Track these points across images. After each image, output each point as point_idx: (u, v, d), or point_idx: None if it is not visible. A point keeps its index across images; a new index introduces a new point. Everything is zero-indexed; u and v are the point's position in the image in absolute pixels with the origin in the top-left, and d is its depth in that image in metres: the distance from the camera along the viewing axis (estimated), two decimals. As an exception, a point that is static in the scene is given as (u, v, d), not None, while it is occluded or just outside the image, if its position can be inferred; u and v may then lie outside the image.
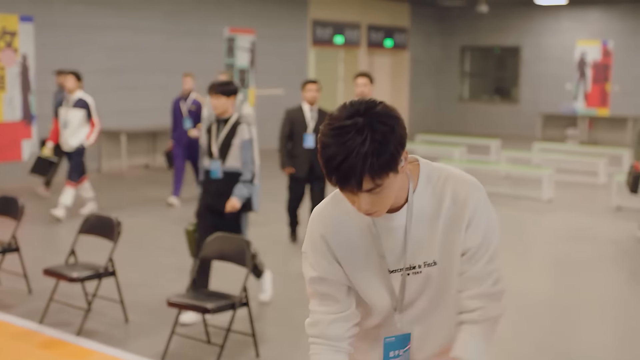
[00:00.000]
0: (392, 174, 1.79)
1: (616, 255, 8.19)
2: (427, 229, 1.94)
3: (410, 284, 1.97)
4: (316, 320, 2.03)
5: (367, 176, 1.75)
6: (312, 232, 2.02)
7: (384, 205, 1.85)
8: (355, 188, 1.78)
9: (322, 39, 17.92)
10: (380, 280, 1.98)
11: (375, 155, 1.74)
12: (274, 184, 12.37)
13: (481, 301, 1.96)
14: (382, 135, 1.75)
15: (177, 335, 5.16)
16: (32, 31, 12.16)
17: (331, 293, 2.00)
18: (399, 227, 1.94)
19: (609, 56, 19.28)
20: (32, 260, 6.93)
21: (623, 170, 13.78)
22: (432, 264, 1.96)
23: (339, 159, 1.74)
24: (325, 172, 1.80)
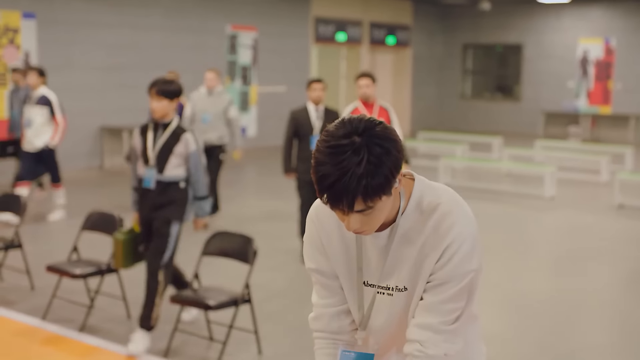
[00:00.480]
0: (384, 197, 1.76)
1: (618, 253, 8.18)
2: (405, 253, 1.91)
3: (379, 303, 1.96)
4: (319, 314, 2.04)
5: (359, 198, 1.72)
6: (309, 224, 2.04)
7: (373, 226, 1.82)
8: (346, 209, 1.74)
9: (325, 36, 17.91)
10: (355, 290, 1.99)
11: (370, 177, 1.70)
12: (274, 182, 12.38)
13: (425, 334, 1.89)
14: (378, 157, 1.71)
15: (179, 332, 5.17)
16: (35, 28, 12.17)
17: (329, 285, 2.02)
18: (381, 246, 1.92)
19: (611, 54, 19.26)
20: (34, 257, 6.94)
21: (625, 168, 13.79)
22: (403, 290, 1.92)
23: (332, 179, 1.70)
24: (317, 189, 1.77)
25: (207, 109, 8.83)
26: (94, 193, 11.20)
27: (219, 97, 8.94)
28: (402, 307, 1.94)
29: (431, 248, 1.87)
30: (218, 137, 8.79)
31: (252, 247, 4.92)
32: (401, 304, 1.93)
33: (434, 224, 1.87)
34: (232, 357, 4.99)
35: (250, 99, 16.31)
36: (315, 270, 2.02)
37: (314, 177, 1.75)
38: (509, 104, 20.94)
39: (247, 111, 16.27)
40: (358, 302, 1.98)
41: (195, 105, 8.92)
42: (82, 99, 12.96)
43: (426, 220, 1.88)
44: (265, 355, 5.07)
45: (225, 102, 8.93)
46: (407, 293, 1.92)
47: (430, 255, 1.87)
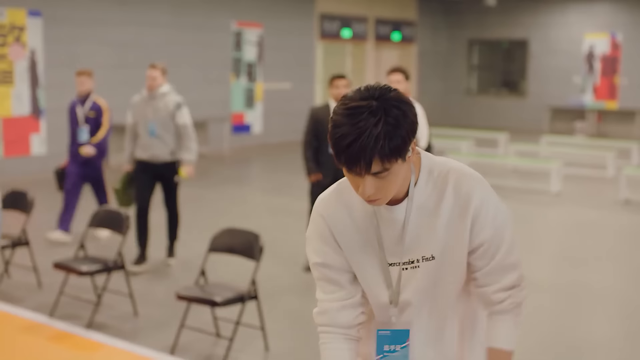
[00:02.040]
0: (400, 160, 1.79)
1: (624, 248, 8.17)
2: (427, 223, 1.93)
3: (407, 278, 1.96)
4: (324, 308, 2.02)
5: (376, 158, 1.75)
6: (316, 217, 2.02)
7: (387, 192, 1.84)
8: (363, 169, 1.76)
9: (330, 33, 17.90)
10: (378, 272, 1.97)
11: (387, 138, 1.74)
12: (280, 178, 12.40)
13: (507, 292, 1.99)
14: (395, 119, 1.75)
15: (186, 329, 5.18)
16: (40, 26, 12.19)
17: (336, 279, 2.00)
18: (399, 220, 1.93)
19: (617, 49, 19.20)
20: (41, 254, 6.96)
21: (632, 163, 13.76)
22: (430, 259, 1.94)
23: (350, 139, 1.74)
24: (334, 152, 1.79)
25: (148, 117, 6.92)
26: (100, 190, 11.20)
27: (162, 99, 6.92)
28: (431, 276, 1.95)
29: (458, 214, 1.92)
30: (169, 152, 6.95)
31: (258, 243, 4.93)
32: (430, 273, 1.95)
33: (453, 190, 1.92)
34: (239, 353, 5.00)
35: (255, 96, 16.32)
36: (322, 264, 2.00)
37: (331, 140, 1.78)
38: (515, 100, 20.90)
39: (252, 108, 16.27)
40: (385, 282, 1.97)
41: (135, 112, 7.04)
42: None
43: (443, 188, 1.93)
44: (272, 351, 5.08)
45: (170, 106, 6.91)
46: (435, 262, 1.94)
47: (459, 221, 1.92)
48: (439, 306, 2.00)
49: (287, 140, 16.39)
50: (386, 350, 1.99)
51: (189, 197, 10.59)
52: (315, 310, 2.05)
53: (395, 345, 1.99)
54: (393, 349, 1.99)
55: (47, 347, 5.18)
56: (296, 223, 8.55)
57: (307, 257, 2.05)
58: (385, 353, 1.99)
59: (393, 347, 1.99)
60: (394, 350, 1.99)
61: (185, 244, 7.83)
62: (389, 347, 1.99)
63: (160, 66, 6.99)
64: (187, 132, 6.92)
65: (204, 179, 12.26)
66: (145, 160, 6.98)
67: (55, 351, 5.15)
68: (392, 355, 1.99)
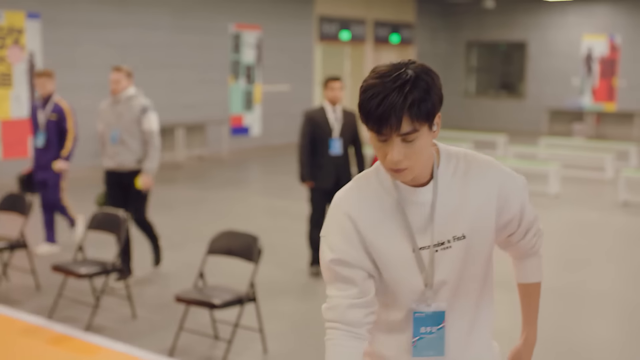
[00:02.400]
0: (427, 127, 1.84)
1: (623, 250, 8.18)
2: (454, 203, 1.97)
3: (439, 259, 1.98)
4: (334, 304, 1.99)
5: (406, 116, 1.80)
6: (337, 213, 2.01)
7: (414, 162, 1.86)
8: (394, 128, 1.80)
9: (328, 35, 17.91)
10: (410, 258, 1.97)
11: (417, 98, 1.80)
12: (279, 181, 12.41)
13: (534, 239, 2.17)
14: (426, 84, 1.82)
15: (184, 331, 5.18)
16: (39, 28, 12.19)
17: (350, 276, 1.97)
18: (425, 203, 1.96)
19: (616, 51, 19.22)
20: (40, 257, 6.95)
21: (630, 165, 13.77)
22: (462, 238, 1.98)
23: (382, 96, 1.79)
24: (363, 115, 1.84)
25: (112, 122, 6.56)
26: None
27: (127, 104, 6.54)
28: (461, 256, 1.99)
29: (484, 194, 1.98)
30: (136, 160, 6.53)
31: (257, 245, 4.93)
32: (460, 252, 1.98)
33: (475, 172, 1.99)
34: (238, 355, 5.00)
35: (254, 98, 16.32)
36: (338, 260, 1.97)
37: (360, 105, 1.84)
38: (513, 102, 20.92)
39: (251, 110, 16.27)
40: (419, 266, 1.97)
41: (102, 118, 6.67)
42: (87, 98, 12.97)
43: (465, 170, 1.99)
44: (271, 354, 5.08)
45: (136, 110, 6.50)
46: (465, 241, 1.98)
47: (485, 200, 1.99)
48: (469, 287, 2.03)
49: (286, 142, 16.40)
50: (423, 332, 2.00)
51: (187, 200, 10.59)
52: (325, 305, 2.02)
53: (432, 327, 2.00)
54: (429, 330, 2.00)
55: (45, 350, 5.18)
56: (295, 225, 8.55)
57: (322, 255, 2.02)
58: (422, 335, 2.00)
59: (429, 329, 2.00)
60: (431, 332, 2.00)
61: (184, 246, 7.83)
62: (425, 329, 2.00)
63: (124, 69, 6.56)
64: (151, 139, 6.48)
65: (202, 181, 12.26)
66: (112, 169, 6.58)
67: (53, 354, 5.15)
68: (429, 337, 2.01)
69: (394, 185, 1.97)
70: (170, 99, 14.52)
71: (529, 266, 2.25)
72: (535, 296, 2.26)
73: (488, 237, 2.02)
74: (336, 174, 6.73)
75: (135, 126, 6.48)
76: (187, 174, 12.99)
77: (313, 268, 6.88)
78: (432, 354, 2.01)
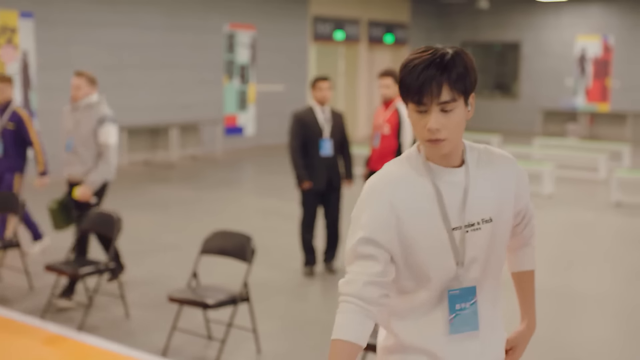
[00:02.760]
0: (463, 101, 1.98)
1: (617, 250, 8.20)
2: (483, 188, 2.08)
3: (469, 239, 2.06)
4: (352, 279, 2.03)
5: (446, 85, 1.93)
6: (373, 196, 2.05)
7: (450, 133, 1.98)
8: (434, 94, 1.93)
9: (323, 35, 17.91)
10: (444, 237, 2.04)
11: (457, 70, 1.94)
12: (273, 181, 12.40)
13: (533, 229, 2.33)
14: (464, 62, 1.97)
15: (178, 331, 5.17)
16: (33, 27, 12.16)
17: (375, 255, 2.02)
18: (458, 184, 2.05)
19: (609, 51, 19.27)
20: (33, 256, 6.94)
21: (623, 165, 13.81)
22: (489, 221, 2.08)
23: (423, 66, 1.93)
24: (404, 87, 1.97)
25: (69, 130, 6.11)
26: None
27: (86, 112, 6.03)
28: (488, 238, 2.09)
29: (506, 182, 2.12)
30: (84, 174, 6.03)
31: (250, 245, 4.93)
32: (488, 234, 2.08)
33: (497, 161, 2.13)
34: (231, 355, 5.00)
35: (248, 98, 16.31)
36: (368, 239, 2.02)
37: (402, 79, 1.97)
38: (507, 102, 20.95)
39: (245, 110, 16.27)
40: (451, 245, 2.04)
41: (62, 124, 6.24)
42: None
43: (487, 159, 2.12)
44: (264, 354, 5.08)
45: (93, 120, 5.98)
46: (492, 224, 2.09)
47: (507, 186, 2.12)
48: (494, 267, 2.13)
49: (280, 142, 16.40)
50: (458, 309, 2.08)
51: (181, 199, 10.59)
52: (342, 280, 2.06)
53: (465, 303, 2.08)
54: (464, 306, 2.08)
55: (38, 350, 5.17)
56: (288, 225, 8.55)
57: (350, 236, 2.06)
58: (457, 312, 2.08)
59: (463, 305, 2.08)
60: (465, 307, 2.08)
61: (177, 246, 7.82)
62: (460, 305, 2.08)
63: (86, 74, 6.05)
64: (105, 152, 5.95)
65: (196, 181, 12.25)
66: (67, 179, 6.16)
67: (47, 354, 5.14)
68: (463, 314, 2.08)
69: (427, 168, 2.05)
70: (164, 98, 14.50)
71: (524, 255, 2.35)
72: (531, 283, 2.38)
73: (509, 222, 2.14)
74: (328, 175, 6.72)
75: (91, 137, 5.98)
76: (180, 174, 12.98)
77: (306, 269, 6.88)
78: (467, 329, 2.09)
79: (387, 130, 6.59)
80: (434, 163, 2.05)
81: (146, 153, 14.34)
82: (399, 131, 6.56)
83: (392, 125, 6.57)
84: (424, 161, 2.06)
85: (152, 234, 8.45)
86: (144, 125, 13.82)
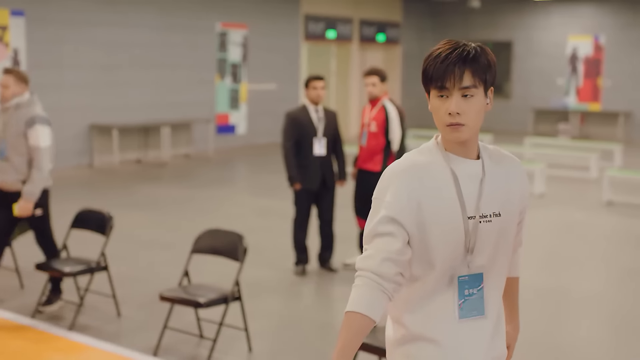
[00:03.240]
0: (483, 90, 2.07)
1: (608, 249, 8.22)
2: (496, 181, 2.16)
3: (481, 229, 2.12)
4: (371, 254, 2.08)
5: (468, 70, 2.03)
6: (396, 179, 2.11)
7: (469, 118, 2.06)
8: (456, 78, 2.02)
9: (315, 34, 17.90)
10: (459, 224, 2.10)
11: (479, 61, 2.05)
12: (265, 180, 12.39)
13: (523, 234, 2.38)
14: (486, 55, 2.08)
15: (169, 330, 5.16)
16: (24, 26, 12.12)
17: (394, 233, 2.06)
18: (476, 175, 2.13)
19: (600, 51, 19.33)
20: (24, 255, 6.91)
21: (614, 164, 13.85)
22: (498, 215, 2.15)
23: (449, 52, 2.04)
24: (427, 75, 2.06)
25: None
26: (84, 191, 11.18)
27: (15, 113, 5.51)
28: (497, 230, 2.16)
29: (514, 181, 2.21)
30: (19, 181, 5.54)
31: (242, 244, 4.92)
32: (497, 227, 2.15)
33: (507, 161, 2.22)
34: (223, 354, 4.99)
35: (240, 97, 16.29)
36: (390, 218, 2.07)
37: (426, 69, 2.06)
38: (499, 102, 20.98)
39: (237, 109, 16.25)
40: (465, 233, 2.10)
41: None
42: (72, 97, 12.92)
43: (498, 158, 2.20)
44: (256, 353, 5.07)
45: (21, 122, 5.46)
46: (501, 218, 2.16)
47: (515, 187, 2.21)
48: (501, 260, 2.19)
49: (272, 141, 16.39)
50: (466, 294, 2.14)
51: (173, 198, 10.57)
52: (360, 256, 2.11)
53: (473, 289, 2.14)
54: (472, 292, 2.14)
55: (29, 349, 5.15)
56: (281, 224, 8.54)
57: (371, 216, 2.11)
58: (466, 297, 2.14)
59: (472, 290, 2.14)
60: (472, 293, 2.14)
61: (169, 244, 7.81)
62: (469, 290, 2.14)
63: (15, 71, 5.52)
64: (37, 157, 5.42)
65: (188, 180, 12.24)
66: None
67: (37, 353, 5.12)
68: (471, 299, 2.14)
69: (446, 157, 2.12)
70: (156, 97, 14.47)
71: (512, 262, 2.40)
72: (516, 289, 2.46)
73: (515, 220, 2.22)
74: (322, 174, 6.70)
75: (22, 140, 5.45)
76: (172, 173, 12.96)
77: (297, 268, 6.87)
78: (475, 313, 2.14)
79: (374, 127, 6.59)
80: (453, 153, 2.13)
81: (138, 152, 14.31)
82: (386, 128, 6.56)
83: (379, 122, 6.57)
84: (443, 151, 2.13)
85: (143, 233, 8.43)
86: (135, 124, 13.79)
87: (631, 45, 18.93)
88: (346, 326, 2.02)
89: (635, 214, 9.92)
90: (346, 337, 2.02)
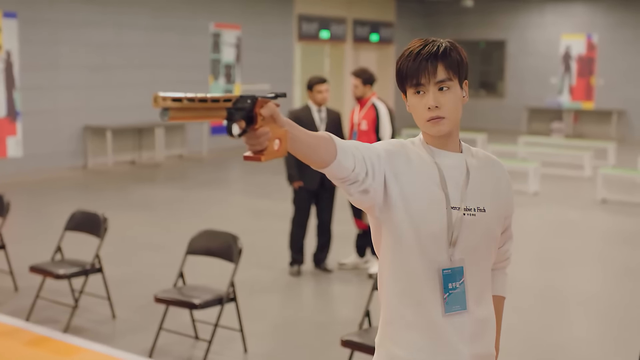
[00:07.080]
0: (458, 83, 2.09)
1: (602, 248, 8.24)
2: (480, 177, 2.17)
3: (464, 222, 2.13)
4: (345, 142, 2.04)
5: (441, 64, 2.06)
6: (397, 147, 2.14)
7: (448, 111, 2.08)
8: (430, 73, 2.05)
9: (308, 34, 17.90)
10: (443, 212, 2.10)
11: (450, 55, 2.08)
12: (259, 180, 12.40)
13: (509, 252, 2.38)
14: (457, 50, 2.12)
15: (164, 331, 5.15)
16: (16, 27, 12.08)
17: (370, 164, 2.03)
18: (459, 167, 2.15)
19: (593, 50, 19.37)
20: (18, 257, 6.89)
21: (608, 163, 13.88)
22: (482, 210, 2.16)
23: (420, 48, 2.08)
24: (401, 73, 2.09)
25: None
26: (78, 192, 11.15)
27: None
28: (481, 225, 2.16)
29: (501, 180, 2.25)
30: None
31: (237, 245, 4.91)
32: (481, 222, 2.16)
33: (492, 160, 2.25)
34: (218, 355, 4.99)
35: (234, 97, 16.26)
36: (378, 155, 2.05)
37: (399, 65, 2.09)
38: (493, 101, 21.02)
39: (231, 109, 16.21)
40: (447, 223, 2.11)
41: None
42: (66, 98, 12.89)
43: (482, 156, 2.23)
44: (251, 353, 5.07)
45: None
46: (486, 214, 2.16)
47: (501, 186, 2.24)
48: (482, 254, 2.19)
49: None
50: (450, 288, 2.15)
51: (167, 199, 10.55)
52: None
53: (456, 282, 2.15)
54: (455, 285, 2.15)
55: (24, 352, 5.14)
56: (276, 225, 8.54)
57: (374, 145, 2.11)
58: (450, 291, 2.15)
59: (455, 284, 2.15)
60: (455, 287, 2.15)
61: (164, 246, 7.80)
62: (452, 284, 2.15)
63: None
64: None
65: (182, 181, 12.22)
66: None
67: (32, 355, 5.11)
68: (454, 293, 2.16)
69: (430, 152, 2.14)
70: (149, 98, 14.43)
71: (497, 279, 2.38)
72: (500, 309, 2.39)
73: (500, 219, 2.22)
74: (320, 174, 6.67)
75: None
76: (166, 174, 12.94)
77: (293, 269, 6.87)
78: (458, 307, 2.15)
79: (364, 126, 6.61)
80: (436, 147, 2.15)
81: (132, 153, 14.29)
82: (376, 126, 6.57)
83: (369, 120, 6.59)
84: (426, 146, 2.16)
85: (138, 234, 8.42)
86: (129, 125, 13.76)
87: (624, 44, 18.98)
88: None
89: (629, 211, 9.95)
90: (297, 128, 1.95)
